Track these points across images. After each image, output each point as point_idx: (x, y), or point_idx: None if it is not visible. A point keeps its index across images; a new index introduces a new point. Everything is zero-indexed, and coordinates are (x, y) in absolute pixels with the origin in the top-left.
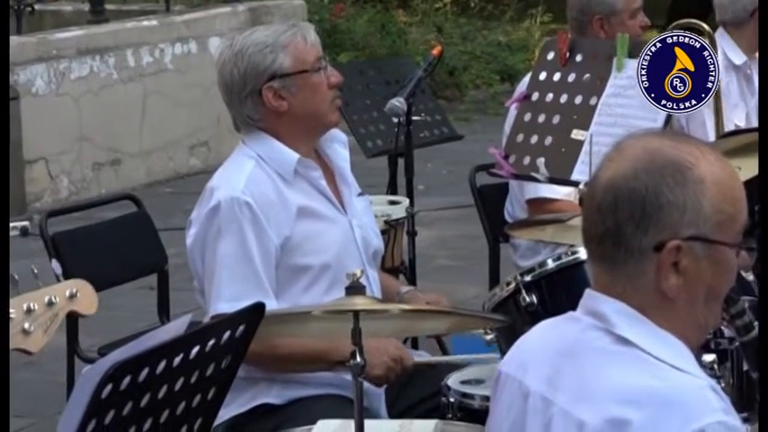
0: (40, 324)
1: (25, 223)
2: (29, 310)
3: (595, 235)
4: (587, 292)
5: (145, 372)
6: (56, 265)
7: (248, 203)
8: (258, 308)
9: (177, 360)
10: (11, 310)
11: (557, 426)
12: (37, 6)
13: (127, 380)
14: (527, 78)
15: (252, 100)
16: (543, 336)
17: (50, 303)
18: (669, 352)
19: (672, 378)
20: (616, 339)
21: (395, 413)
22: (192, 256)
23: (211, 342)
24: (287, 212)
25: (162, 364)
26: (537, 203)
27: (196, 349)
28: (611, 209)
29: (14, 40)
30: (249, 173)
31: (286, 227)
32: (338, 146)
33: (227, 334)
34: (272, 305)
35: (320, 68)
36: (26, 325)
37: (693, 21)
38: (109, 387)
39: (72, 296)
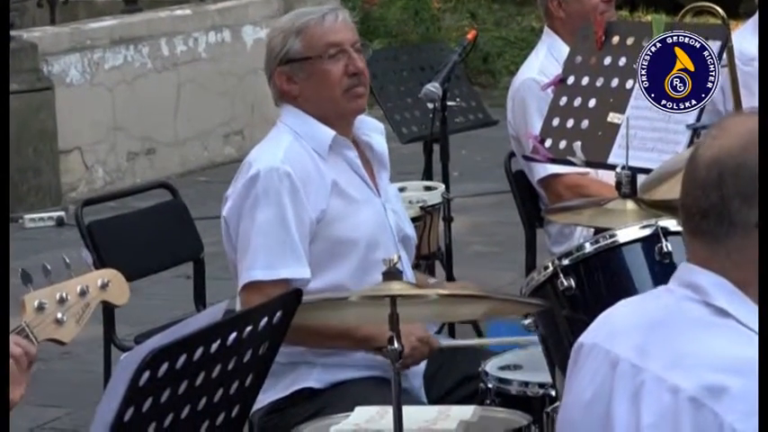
0: (72, 314)
1: (60, 213)
2: (61, 300)
3: (698, 210)
4: (683, 265)
5: (182, 359)
6: (86, 255)
7: (288, 173)
8: (295, 294)
9: (215, 347)
10: (44, 300)
11: (648, 391)
12: None
13: (164, 367)
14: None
15: (272, 82)
16: (632, 308)
17: (83, 293)
18: None
19: None
20: (714, 311)
21: (432, 398)
22: (227, 228)
23: (249, 328)
24: (324, 186)
25: (199, 351)
26: (549, 181)
27: (233, 336)
28: (717, 184)
29: (48, 30)
30: (287, 146)
31: (323, 200)
32: (376, 135)
33: (264, 320)
34: (305, 274)
35: (332, 55)
36: (59, 315)
37: (707, 4)
38: (146, 374)
39: (104, 286)
